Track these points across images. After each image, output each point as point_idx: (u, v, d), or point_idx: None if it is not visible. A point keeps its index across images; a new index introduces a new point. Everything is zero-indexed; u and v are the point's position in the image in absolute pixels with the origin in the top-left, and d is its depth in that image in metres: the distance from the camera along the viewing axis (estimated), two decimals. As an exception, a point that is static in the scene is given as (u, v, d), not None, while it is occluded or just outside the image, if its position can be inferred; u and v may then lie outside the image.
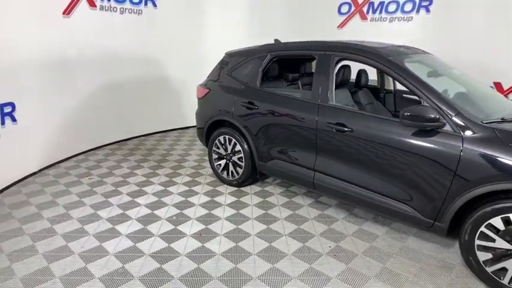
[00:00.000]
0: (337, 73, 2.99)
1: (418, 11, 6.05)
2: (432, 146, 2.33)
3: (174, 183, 3.88)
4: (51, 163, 4.40)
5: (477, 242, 2.24)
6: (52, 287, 2.25)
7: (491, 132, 2.18)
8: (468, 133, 2.23)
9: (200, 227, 3.00)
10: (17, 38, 3.69)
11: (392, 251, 2.68)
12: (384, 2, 6.28)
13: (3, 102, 3.62)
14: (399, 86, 3.80)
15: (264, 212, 3.27)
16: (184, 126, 6.27)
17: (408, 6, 6.11)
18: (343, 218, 3.16)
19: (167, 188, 3.75)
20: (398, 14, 6.21)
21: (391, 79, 3.81)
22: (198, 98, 3.98)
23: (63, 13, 4.26)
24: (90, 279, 2.32)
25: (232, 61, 3.71)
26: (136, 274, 2.37)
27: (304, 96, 3.09)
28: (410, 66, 2.63)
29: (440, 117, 2.29)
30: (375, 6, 6.35)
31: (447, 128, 2.29)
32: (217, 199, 3.51)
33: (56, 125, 4.41)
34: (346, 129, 2.71)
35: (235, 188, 3.75)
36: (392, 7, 6.24)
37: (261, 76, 3.41)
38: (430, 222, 2.44)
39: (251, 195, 3.61)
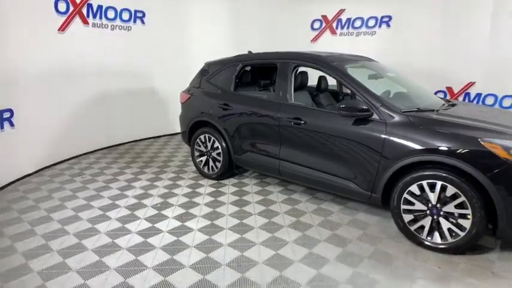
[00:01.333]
0: (295, 77, 3.57)
1: (380, 26, 6.77)
2: (365, 132, 2.89)
3: (160, 179, 4.36)
4: (46, 165, 4.83)
5: (402, 206, 2.78)
6: (50, 259, 2.68)
7: (406, 118, 2.76)
8: (390, 120, 2.81)
9: (181, 211, 3.48)
10: (15, 51, 4.18)
11: (343, 222, 3.21)
12: (350, 19, 7.00)
13: (3, 108, 4.08)
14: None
15: (238, 198, 3.76)
16: (172, 132, 6.77)
17: (371, 22, 6.83)
18: (306, 200, 3.68)
19: (153, 183, 4.23)
20: (363, 29, 6.93)
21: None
22: (181, 103, 4.51)
23: (59, 29, 4.79)
24: (82, 251, 2.78)
25: (211, 70, 4.28)
26: (125, 245, 2.84)
27: (269, 97, 3.65)
28: (350, 70, 3.24)
29: (369, 108, 2.87)
30: (343, 23, 7.07)
31: (375, 116, 2.87)
32: (198, 190, 4.00)
33: (51, 130, 4.88)
34: (301, 122, 3.27)
35: (216, 181, 4.25)
36: (358, 23, 6.96)
37: (235, 82, 3.97)
38: (368, 194, 2.99)
39: (229, 186, 4.11)
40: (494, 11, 5.49)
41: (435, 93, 6.31)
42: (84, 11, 5.15)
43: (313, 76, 4.07)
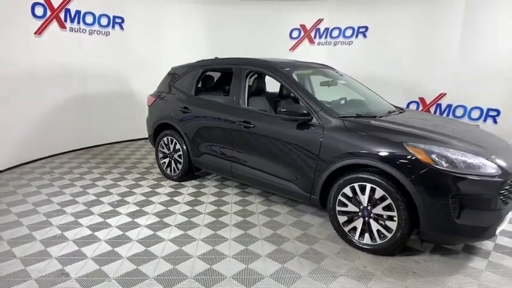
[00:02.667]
0: (250, 83, 3.71)
1: (357, 36, 6.95)
2: (305, 135, 3.01)
3: (124, 179, 4.48)
4: (18, 164, 4.96)
5: (337, 208, 2.88)
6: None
7: (342, 123, 2.88)
8: (327, 124, 2.93)
9: (135, 208, 3.59)
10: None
11: (287, 223, 3.31)
12: (328, 28, 7.18)
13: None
14: (324, 97, 4.46)
15: (193, 198, 3.87)
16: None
17: (349, 32, 7.01)
18: (259, 202, 3.78)
19: (117, 182, 4.35)
20: (341, 39, 7.11)
21: (316, 90, 4.49)
22: (148, 106, 4.65)
23: (35, 33, 4.97)
24: (30, 241, 2.90)
25: (175, 74, 4.43)
26: (72, 237, 2.95)
27: (224, 101, 3.78)
28: (299, 76, 3.37)
29: (309, 112, 3.00)
30: (321, 32, 7.25)
31: (314, 120, 2.99)
32: (158, 190, 4.11)
33: (25, 131, 5.03)
34: (250, 125, 3.40)
35: (177, 183, 4.36)
36: (335, 33, 7.14)
37: (195, 86, 4.12)
38: (308, 196, 3.09)
39: (188, 187, 4.22)
40: (464, 23, 5.64)
41: (408, 104, 6.50)
42: (62, 15, 5.34)
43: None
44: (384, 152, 2.60)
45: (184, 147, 4.14)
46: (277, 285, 2.37)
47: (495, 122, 5.40)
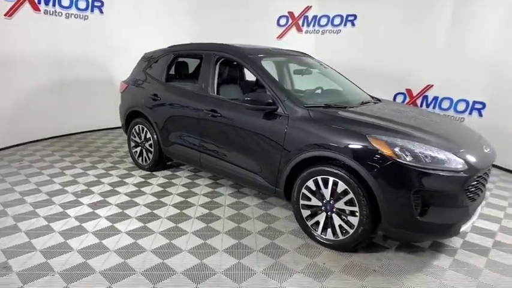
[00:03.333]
0: (220, 69, 3.54)
1: (345, 25, 6.75)
2: (270, 125, 2.87)
3: (95, 168, 4.34)
4: (-12, 150, 4.84)
5: (301, 201, 2.76)
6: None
7: (307, 113, 2.73)
8: (292, 114, 2.78)
9: (98, 198, 3.47)
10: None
11: (253, 216, 3.19)
12: (316, 16, 6.97)
13: None
14: (297, 85, 4.32)
15: (162, 189, 3.75)
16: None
17: (337, 20, 6.80)
18: (229, 194, 3.66)
19: (86, 171, 4.21)
20: (329, 27, 6.90)
21: (288, 78, 4.35)
22: (121, 93, 4.49)
23: (5, 15, 4.77)
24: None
25: (148, 60, 4.26)
26: (25, 229, 2.84)
27: (193, 89, 3.63)
28: (268, 64, 3.22)
29: (275, 101, 2.85)
30: (309, 20, 7.04)
31: (280, 110, 2.84)
32: (126, 180, 3.98)
33: (-4, 116, 4.88)
34: (217, 114, 3.25)
35: (149, 172, 4.24)
36: (324, 21, 6.93)
37: (166, 72, 3.95)
38: (273, 188, 2.97)
39: (159, 177, 4.09)
40: (452, 14, 5.45)
41: (395, 95, 6.34)
42: (35, -3, 5.13)
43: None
44: (346, 144, 2.46)
45: (155, 136, 4.00)
46: (228, 282, 2.26)
47: (480, 115, 5.25)
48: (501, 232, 3.05)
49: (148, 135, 4.08)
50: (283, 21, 7.22)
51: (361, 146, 2.41)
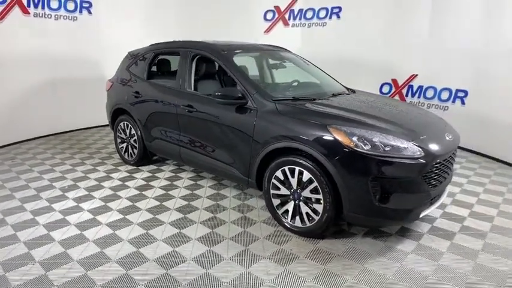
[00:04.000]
0: (196, 66, 3.64)
1: (330, 17, 6.79)
2: (241, 118, 2.97)
3: (84, 164, 4.49)
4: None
5: (271, 191, 2.87)
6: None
7: (274, 106, 2.84)
8: (261, 107, 2.88)
9: (84, 193, 3.61)
10: None
11: (230, 206, 3.31)
12: (302, 10, 7.03)
13: None
14: (278, 79, 4.40)
15: (145, 183, 3.89)
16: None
17: (322, 13, 6.86)
18: (209, 186, 3.79)
19: (75, 167, 4.36)
20: (315, 20, 6.96)
21: (268, 73, 4.43)
22: (106, 91, 4.62)
23: (-5, 19, 4.92)
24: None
25: (131, 58, 4.37)
26: (12, 222, 2.99)
27: (172, 85, 3.74)
28: (240, 59, 3.31)
29: (244, 95, 2.95)
30: (295, 14, 7.09)
31: (249, 104, 2.95)
32: (112, 175, 4.12)
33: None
34: (193, 109, 3.37)
35: (134, 167, 4.37)
36: (309, 14, 6.99)
37: (147, 70, 4.06)
38: (246, 179, 3.08)
39: (144, 172, 4.23)
40: (434, 3, 5.49)
41: (381, 86, 6.40)
42: (25, 1, 5.25)
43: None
44: (309, 135, 2.56)
45: (139, 132, 4.12)
46: (196, 268, 2.39)
47: (463, 103, 5.30)
48: (470, 217, 3.14)
49: (133, 131, 4.21)
50: (269, 15, 7.28)
51: (322, 136, 2.50)
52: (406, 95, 6.13)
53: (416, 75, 5.93)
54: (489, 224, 3.02)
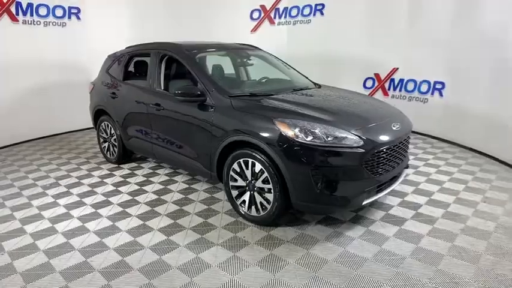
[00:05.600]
0: (166, 66, 3.81)
1: (314, 14, 6.90)
2: (202, 115, 3.13)
3: (69, 163, 4.72)
4: (-23, 152, 5.28)
5: (230, 183, 3.02)
6: None
7: (229, 102, 2.98)
8: (218, 103, 3.03)
9: (63, 190, 3.82)
10: None
11: (198, 199, 3.47)
12: (287, 8, 7.15)
13: None
14: (257, 75, 4.50)
15: (123, 179, 4.08)
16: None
17: (307, 10, 6.97)
18: (183, 181, 3.95)
19: (60, 167, 4.58)
20: (300, 18, 7.07)
21: (244, 71, 4.56)
22: (89, 93, 4.83)
23: (-17, 27, 5.18)
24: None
25: (110, 61, 4.57)
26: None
27: (143, 85, 3.91)
28: (202, 58, 3.47)
29: (203, 93, 3.11)
30: (280, 12, 7.22)
31: (208, 101, 3.10)
32: (94, 173, 4.33)
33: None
34: (160, 108, 3.54)
35: (116, 165, 4.57)
36: (294, 11, 7.11)
37: (123, 71, 4.26)
38: (209, 172, 3.24)
39: (124, 169, 4.43)
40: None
41: (365, 80, 6.47)
42: (13, 9, 5.51)
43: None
44: (257, 128, 2.70)
45: (117, 131, 4.32)
46: (151, 255, 2.55)
47: (441, 95, 5.35)
48: (427, 205, 3.23)
49: (113, 131, 4.40)
50: (255, 14, 7.41)
51: (269, 129, 2.64)
52: (388, 89, 6.19)
53: (397, 68, 6.00)
54: (443, 210, 3.11)
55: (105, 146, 4.66)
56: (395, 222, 2.92)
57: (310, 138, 2.51)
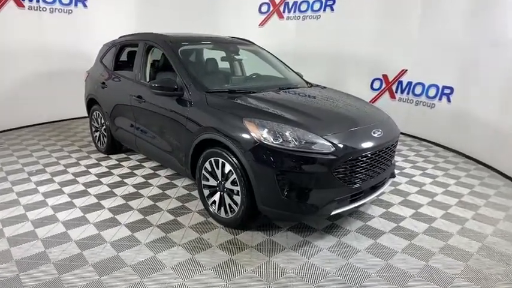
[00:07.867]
0: (153, 58, 3.73)
1: (324, 10, 6.67)
2: (179, 109, 3.03)
3: (61, 150, 4.76)
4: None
5: (203, 182, 2.92)
6: None
7: (204, 98, 2.87)
8: (194, 99, 2.93)
9: (47, 177, 3.84)
10: None
11: (175, 195, 3.40)
12: (297, 2, 6.95)
13: None
14: (248, 71, 4.39)
15: (107, 170, 4.06)
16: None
17: (317, 5, 6.74)
18: (166, 176, 3.89)
19: (52, 154, 4.63)
20: (309, 13, 6.85)
21: (238, 66, 4.43)
22: (84, 81, 4.84)
23: (-11, 11, 5.27)
24: None
25: (105, 50, 4.55)
26: None
27: (130, 76, 3.85)
28: (186, 51, 3.37)
29: (182, 87, 3.01)
30: (290, 6, 7.02)
31: (185, 95, 3.00)
32: (82, 162, 4.34)
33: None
34: (142, 100, 3.47)
35: (105, 155, 4.57)
36: (304, 6, 6.89)
37: (114, 61, 4.22)
38: (183, 168, 3.15)
39: (112, 159, 4.42)
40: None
41: (372, 81, 6.20)
42: (19, -6, 5.59)
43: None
44: (226, 127, 2.58)
45: (107, 121, 4.30)
46: (111, 251, 2.50)
47: (449, 100, 5.04)
48: (411, 218, 3.03)
49: (103, 120, 4.39)
50: (264, 8, 7.24)
51: (237, 128, 2.52)
52: (396, 92, 5.91)
53: (406, 70, 5.70)
54: (427, 225, 2.90)
55: (96, 136, 4.67)
56: (371, 235, 2.74)
57: (279, 141, 2.36)
